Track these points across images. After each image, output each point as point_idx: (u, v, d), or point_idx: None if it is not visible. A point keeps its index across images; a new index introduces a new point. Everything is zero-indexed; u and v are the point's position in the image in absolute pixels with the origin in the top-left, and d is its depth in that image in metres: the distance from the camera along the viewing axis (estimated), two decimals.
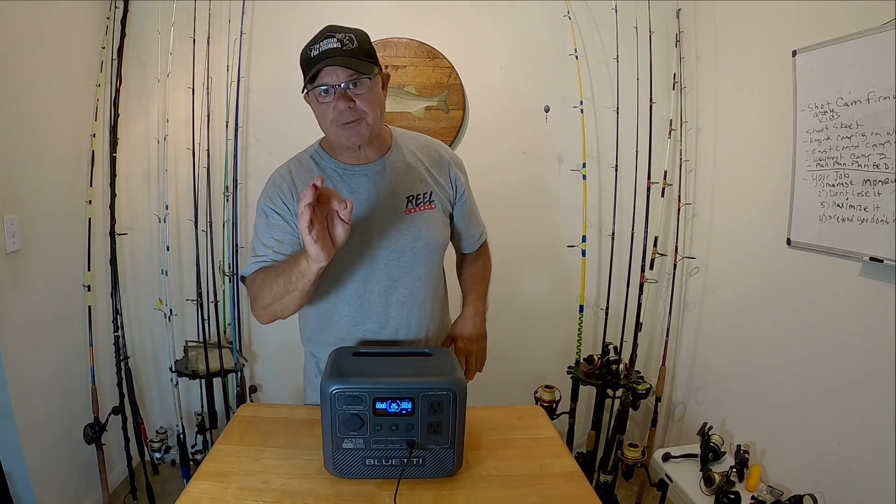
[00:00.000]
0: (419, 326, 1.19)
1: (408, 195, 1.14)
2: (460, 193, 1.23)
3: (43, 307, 1.78)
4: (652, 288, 2.28)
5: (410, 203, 1.13)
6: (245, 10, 2.05)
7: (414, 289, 1.16)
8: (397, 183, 1.13)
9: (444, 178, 1.20)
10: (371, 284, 1.13)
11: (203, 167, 2.12)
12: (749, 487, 1.60)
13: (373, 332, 1.16)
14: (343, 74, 0.99)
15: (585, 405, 2.24)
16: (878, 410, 1.34)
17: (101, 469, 1.95)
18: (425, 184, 1.16)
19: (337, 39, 0.99)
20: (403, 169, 1.15)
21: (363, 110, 1.02)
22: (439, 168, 1.20)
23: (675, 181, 2.15)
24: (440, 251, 1.20)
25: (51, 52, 1.78)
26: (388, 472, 0.92)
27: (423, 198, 1.15)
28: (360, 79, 1.00)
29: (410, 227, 1.13)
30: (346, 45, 0.99)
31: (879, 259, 1.31)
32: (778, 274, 1.71)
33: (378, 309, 1.14)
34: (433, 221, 1.16)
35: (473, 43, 2.20)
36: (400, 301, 1.15)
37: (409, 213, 1.13)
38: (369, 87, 1.02)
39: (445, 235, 1.21)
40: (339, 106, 1.00)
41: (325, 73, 0.99)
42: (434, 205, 1.16)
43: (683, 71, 2.15)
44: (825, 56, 1.47)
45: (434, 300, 1.22)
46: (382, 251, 1.11)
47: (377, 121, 1.06)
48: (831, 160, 1.46)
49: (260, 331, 2.35)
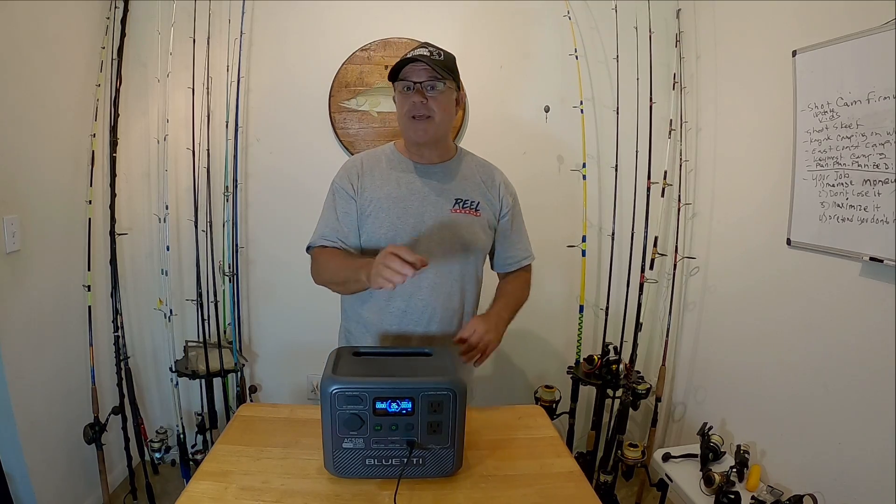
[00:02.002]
0: (442, 314, 1.28)
1: (457, 197, 1.28)
2: (505, 212, 1.36)
3: (43, 307, 1.78)
4: (652, 288, 2.28)
5: (458, 204, 1.28)
6: (245, 10, 2.05)
7: (444, 279, 1.27)
8: (450, 185, 1.29)
9: (493, 195, 1.34)
10: None
11: (203, 167, 2.12)
12: (749, 487, 1.60)
13: (401, 310, 1.26)
14: (425, 74, 1.17)
15: (585, 405, 2.24)
16: (878, 410, 1.34)
17: (101, 469, 1.95)
18: (475, 194, 1.31)
19: (428, 50, 1.19)
20: (459, 177, 1.31)
21: (433, 109, 1.19)
22: (490, 186, 1.35)
23: (675, 181, 2.15)
24: (476, 253, 1.32)
25: (51, 52, 1.78)
26: (388, 471, 0.92)
27: (470, 204, 1.29)
28: (436, 82, 1.18)
29: (453, 224, 1.26)
30: (435, 56, 1.18)
31: (879, 259, 1.31)
32: (778, 274, 1.71)
33: (409, 289, 1.23)
34: (475, 225, 1.29)
35: (473, 43, 2.20)
36: (429, 287, 1.25)
37: (455, 212, 1.27)
38: (443, 92, 1.20)
39: (484, 242, 1.33)
40: (414, 98, 1.18)
41: (410, 71, 1.18)
42: (479, 213, 1.30)
43: (683, 71, 2.15)
44: (825, 56, 1.47)
45: (461, 297, 1.31)
46: (424, 238, 1.24)
47: (444, 124, 1.23)
48: (831, 160, 1.46)
49: (260, 331, 2.35)
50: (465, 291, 1.32)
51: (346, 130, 2.17)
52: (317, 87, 2.16)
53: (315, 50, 2.15)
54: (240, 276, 2.21)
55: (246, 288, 2.29)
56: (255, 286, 2.30)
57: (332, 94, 2.15)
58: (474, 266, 1.33)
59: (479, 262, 1.34)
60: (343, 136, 2.18)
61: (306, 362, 2.34)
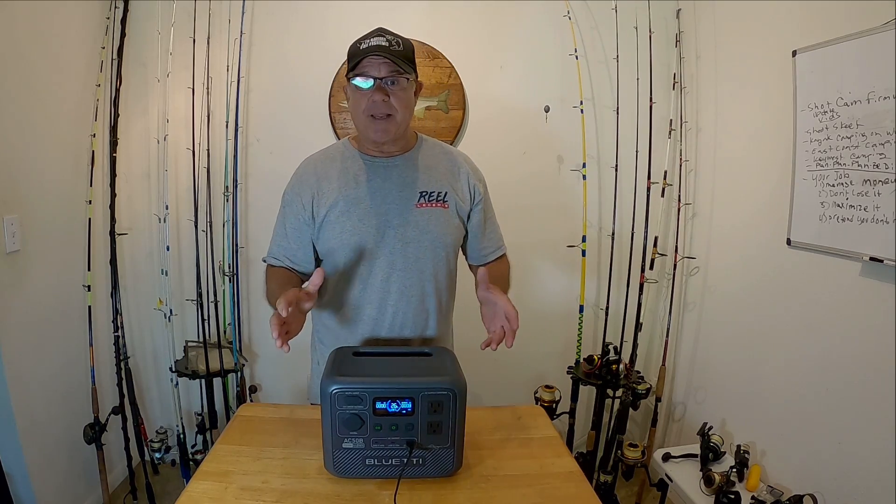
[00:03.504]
0: (415, 319, 1.20)
1: (421, 191, 1.19)
2: (477, 200, 1.26)
3: (43, 307, 1.78)
4: (652, 288, 2.28)
5: (423, 198, 1.18)
6: (245, 10, 2.05)
7: (414, 280, 1.18)
8: (413, 178, 1.19)
9: (461, 183, 1.24)
10: (375, 269, 1.17)
11: (203, 167, 2.12)
12: (749, 487, 1.60)
13: (372, 318, 1.19)
14: (385, 69, 1.07)
15: (585, 405, 2.24)
16: (878, 410, 1.34)
17: (101, 469, 1.95)
18: (441, 184, 1.21)
19: (386, 39, 1.08)
20: (422, 167, 1.21)
21: (395, 107, 1.09)
22: (458, 173, 1.24)
23: (675, 181, 2.15)
24: (447, 249, 1.22)
25: (51, 52, 1.78)
26: (388, 471, 0.92)
27: (436, 196, 1.19)
28: (399, 77, 1.08)
29: (419, 220, 1.17)
30: (394, 46, 1.08)
31: (879, 259, 1.31)
32: (778, 274, 1.71)
33: (378, 294, 1.18)
34: (443, 219, 1.20)
35: (473, 43, 2.20)
36: (399, 290, 1.18)
37: (420, 207, 1.18)
38: (404, 88, 1.10)
39: (455, 235, 1.23)
40: (374, 97, 1.08)
41: (369, 65, 1.07)
42: (447, 205, 1.20)
43: (683, 71, 2.15)
44: (825, 56, 1.47)
45: (436, 298, 1.22)
46: (389, 239, 1.16)
47: (405, 121, 1.14)
48: (831, 160, 1.46)
49: (260, 331, 2.35)
50: (440, 290, 1.22)
51: (346, 130, 2.16)
52: (317, 87, 2.15)
53: (315, 50, 2.15)
54: (240, 276, 2.21)
55: (246, 288, 2.28)
56: (255, 286, 2.29)
57: (332, 94, 2.15)
58: (446, 262, 1.23)
59: (451, 257, 1.24)
60: (343, 136, 2.17)
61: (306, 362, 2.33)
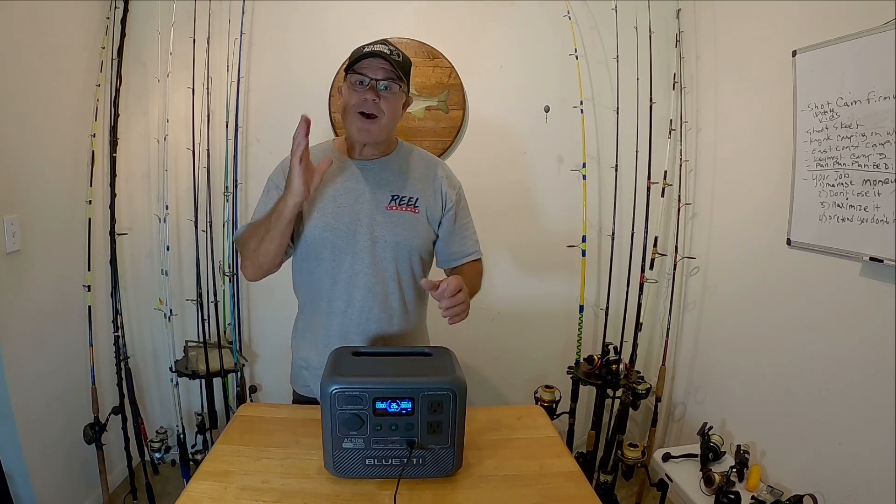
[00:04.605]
0: (380, 315, 1.24)
1: (393, 194, 1.24)
2: (449, 206, 1.29)
3: (43, 307, 1.78)
4: (652, 288, 2.28)
5: (394, 201, 1.23)
6: (245, 10, 2.05)
7: (379, 279, 1.22)
8: (387, 181, 1.24)
9: (434, 190, 1.29)
10: (344, 265, 1.21)
11: (203, 167, 2.12)
12: (749, 487, 1.60)
13: (341, 310, 1.23)
14: (382, 72, 1.14)
15: (585, 405, 2.24)
16: (878, 410, 1.34)
17: (101, 469, 1.95)
18: (413, 190, 1.26)
19: (388, 48, 1.16)
20: (396, 172, 1.26)
21: (383, 110, 1.15)
22: (433, 180, 1.29)
23: (675, 181, 2.15)
24: (415, 252, 1.25)
25: (51, 52, 1.78)
26: (388, 471, 0.92)
27: (407, 200, 1.24)
28: (392, 83, 1.15)
29: (388, 222, 1.22)
30: (394, 56, 1.15)
31: (879, 259, 1.31)
32: (778, 274, 1.71)
33: (346, 289, 1.22)
34: (413, 224, 1.24)
35: (473, 43, 2.20)
36: (365, 287, 1.22)
37: (390, 209, 1.23)
38: (395, 95, 1.17)
39: (423, 239, 1.27)
40: (366, 95, 1.13)
41: (368, 66, 1.14)
42: (418, 210, 1.25)
43: (683, 71, 2.15)
44: (825, 56, 1.47)
45: (400, 297, 1.26)
46: (359, 238, 1.21)
47: (388, 127, 1.19)
48: (831, 160, 1.46)
49: (260, 331, 2.35)
50: (404, 290, 1.26)
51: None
52: (317, 87, 2.16)
53: (315, 50, 2.15)
54: (240, 276, 2.21)
55: (246, 288, 2.28)
56: (255, 286, 2.29)
57: (331, 95, 2.15)
58: (410, 265, 1.26)
59: (415, 260, 1.27)
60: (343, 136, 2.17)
61: None
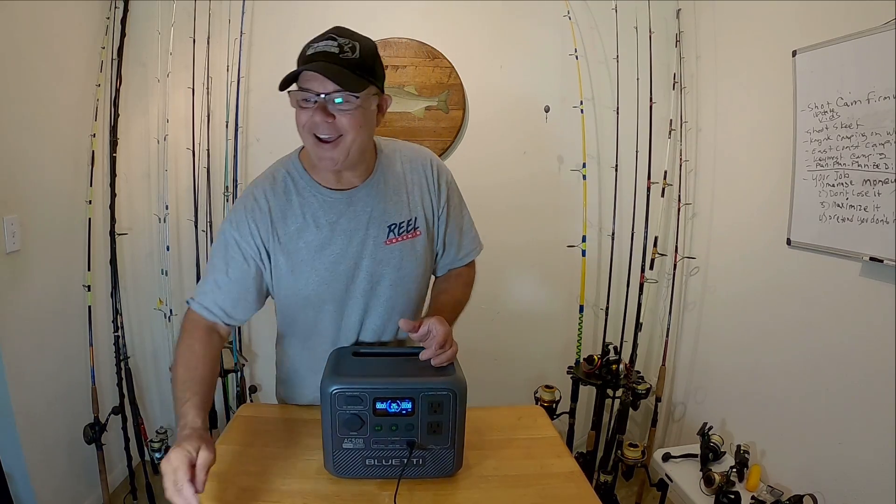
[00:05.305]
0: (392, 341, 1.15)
1: (390, 224, 1.07)
2: (442, 205, 1.14)
3: (43, 307, 1.78)
4: (652, 288, 2.28)
5: (392, 233, 1.07)
6: (245, 10, 2.05)
7: (386, 319, 1.12)
8: (380, 211, 1.06)
9: (426, 188, 1.12)
10: (347, 311, 1.10)
11: (203, 167, 2.12)
12: (749, 487, 1.60)
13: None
14: (332, 84, 0.88)
15: (585, 405, 2.24)
16: (878, 410, 1.34)
17: (101, 469, 1.94)
18: (409, 209, 1.09)
19: (338, 44, 0.90)
20: (387, 194, 1.07)
21: (344, 127, 0.92)
22: (421, 178, 1.12)
23: (675, 181, 2.15)
24: (420, 280, 1.14)
25: (51, 52, 1.78)
26: (388, 472, 0.92)
27: (406, 226, 1.08)
28: (345, 95, 0.89)
29: (390, 258, 1.08)
30: (346, 53, 0.89)
31: (879, 259, 1.31)
32: (778, 274, 1.71)
33: (352, 337, 1.12)
34: (416, 250, 1.11)
35: (473, 43, 2.20)
36: (373, 330, 1.12)
37: (391, 243, 1.07)
38: (356, 106, 0.91)
39: (427, 265, 1.15)
40: (316, 118, 0.91)
41: (312, 77, 0.89)
42: (419, 231, 1.10)
43: (683, 71, 2.15)
44: (825, 56, 1.47)
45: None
46: (359, 281, 1.07)
47: (358, 144, 0.95)
48: (831, 160, 1.46)
49: (260, 331, 2.35)
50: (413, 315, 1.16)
51: None
52: None
53: None
54: None
55: None
56: None
57: None
58: (420, 291, 1.15)
59: (424, 284, 1.16)
60: None
61: None
